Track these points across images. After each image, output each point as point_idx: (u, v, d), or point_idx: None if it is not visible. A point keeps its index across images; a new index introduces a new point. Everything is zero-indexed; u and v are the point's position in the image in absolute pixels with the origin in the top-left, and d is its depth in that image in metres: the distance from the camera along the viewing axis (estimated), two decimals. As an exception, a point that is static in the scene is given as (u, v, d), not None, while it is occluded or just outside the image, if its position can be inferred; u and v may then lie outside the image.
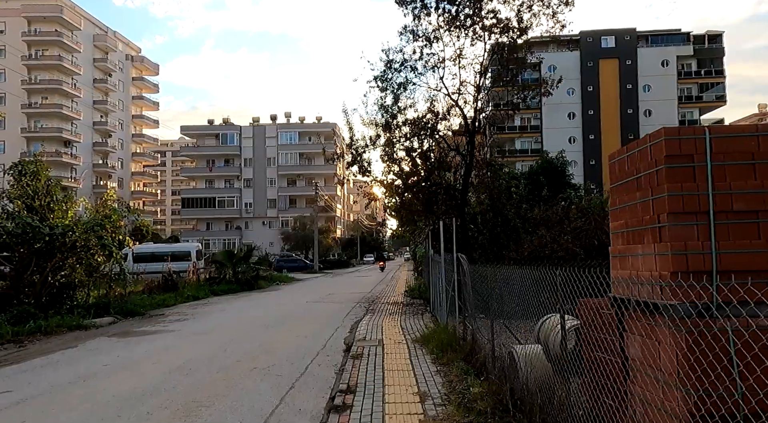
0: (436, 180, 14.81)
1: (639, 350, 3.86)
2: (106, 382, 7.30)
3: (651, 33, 67.29)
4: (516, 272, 5.76)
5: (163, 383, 7.11)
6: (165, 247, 38.13)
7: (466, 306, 8.46)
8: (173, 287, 22.63)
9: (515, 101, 15.28)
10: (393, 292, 21.32)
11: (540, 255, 13.70)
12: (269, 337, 11.03)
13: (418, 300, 17.21)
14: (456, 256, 8.69)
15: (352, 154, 14.25)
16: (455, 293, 8.80)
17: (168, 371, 7.87)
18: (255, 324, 13.01)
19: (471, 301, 8.14)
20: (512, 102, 14.64)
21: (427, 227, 19.03)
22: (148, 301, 18.17)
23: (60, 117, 66.46)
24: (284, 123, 78.85)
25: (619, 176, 4.33)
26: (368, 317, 13.44)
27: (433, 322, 12.16)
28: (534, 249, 14.00)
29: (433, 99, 14.55)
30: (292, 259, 49.75)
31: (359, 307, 16.62)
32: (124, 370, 8.12)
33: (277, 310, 16.34)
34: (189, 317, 14.89)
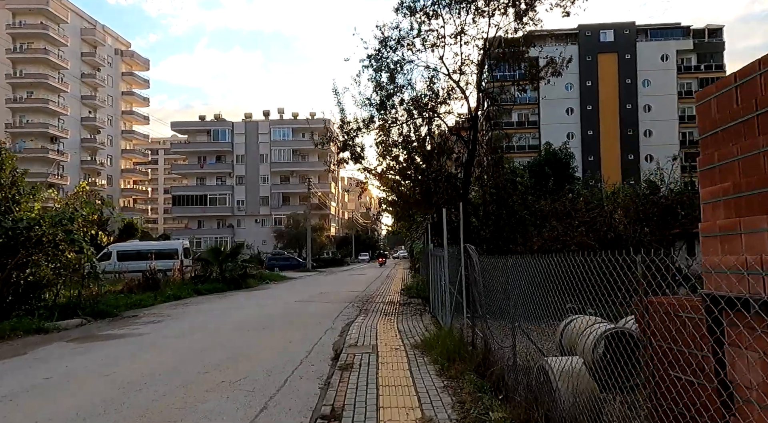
0: (436, 167, 13.48)
1: (751, 373, 2.55)
2: (34, 402, 5.93)
3: (650, 27, 66.24)
4: (548, 262, 4.41)
5: (104, 404, 5.75)
6: (150, 245, 36.60)
7: (476, 306, 7.15)
8: (154, 286, 21.21)
9: (521, 82, 13.97)
10: (389, 291, 19.99)
11: (550, 249, 12.42)
12: (248, 342, 9.67)
13: (416, 299, 15.90)
14: (463, 248, 7.37)
15: (343, 138, 12.88)
16: (462, 291, 7.47)
17: (118, 386, 6.51)
18: (235, 327, 11.64)
19: (482, 300, 6.83)
20: (519, 81, 13.33)
21: (426, 220, 17.72)
22: (123, 301, 16.76)
23: (46, 112, 64.64)
24: (277, 119, 77.31)
25: (720, 119, 3.01)
26: (361, 318, 12.11)
27: (434, 324, 10.84)
28: (543, 243, 12.71)
29: (433, 78, 13.22)
30: (285, 257, 48.32)
31: (352, 307, 15.28)
32: (64, 385, 6.74)
33: (262, 310, 14.98)
34: (164, 319, 13.50)
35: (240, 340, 9.86)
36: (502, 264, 5.47)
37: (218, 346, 9.22)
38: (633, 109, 64.60)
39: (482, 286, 6.81)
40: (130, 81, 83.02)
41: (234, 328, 11.36)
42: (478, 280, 6.97)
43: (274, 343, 9.51)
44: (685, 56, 66.27)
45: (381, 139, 12.80)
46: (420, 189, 13.02)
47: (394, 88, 12.38)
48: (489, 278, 6.59)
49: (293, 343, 9.36)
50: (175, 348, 9.24)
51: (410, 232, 24.84)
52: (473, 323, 7.42)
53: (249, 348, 9.00)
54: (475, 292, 7.19)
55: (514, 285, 5.22)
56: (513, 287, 5.27)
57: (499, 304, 6.15)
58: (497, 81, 14.70)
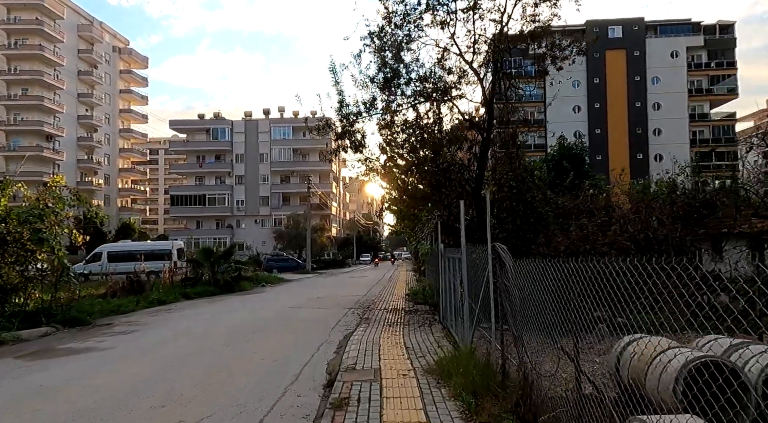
0: (447, 157, 11.89)
1: None
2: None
3: (660, 23, 64.54)
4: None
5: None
6: (143, 246, 35.12)
7: (509, 322, 5.56)
8: (139, 289, 19.67)
9: (541, 63, 12.38)
10: (392, 296, 18.38)
11: (578, 250, 10.83)
12: (226, 360, 8.08)
13: (423, 306, 14.30)
14: (491, 248, 5.78)
15: (341, 123, 11.27)
16: (490, 302, 5.88)
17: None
18: (216, 339, 10.06)
19: (517, 315, 5.24)
20: (542, 59, 11.73)
21: (434, 218, 16.14)
22: (99, 307, 15.21)
23: (41, 110, 63.25)
24: (277, 118, 75.75)
25: None
26: (362, 329, 10.52)
27: (447, 338, 9.25)
28: (570, 243, 11.11)
29: (443, 56, 11.60)
30: (283, 259, 46.74)
31: (352, 314, 13.70)
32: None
33: (251, 318, 13.40)
34: (139, 328, 11.93)
35: (216, 357, 8.28)
36: (557, 269, 3.88)
37: (188, 366, 7.64)
38: (642, 107, 62.94)
39: (518, 298, 5.22)
40: (128, 79, 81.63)
41: (213, 342, 9.78)
42: (511, 289, 5.38)
43: (255, 362, 7.93)
44: (696, 53, 64.58)
45: (384, 122, 11.17)
46: (429, 181, 11.42)
47: (401, 66, 10.77)
48: (528, 286, 5.01)
49: (278, 363, 7.78)
50: (136, 367, 7.66)
51: (415, 232, 23.21)
52: (502, 342, 5.83)
53: (224, 370, 7.41)
54: (507, 304, 5.60)
55: (577, 296, 3.64)
56: (575, 298, 3.69)
57: (541, 320, 4.59)
58: (513, 67, 13.10)
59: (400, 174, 11.83)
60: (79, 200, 15.40)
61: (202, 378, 6.89)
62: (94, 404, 5.76)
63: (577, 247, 10.79)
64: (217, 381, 6.74)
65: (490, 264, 5.78)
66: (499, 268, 5.69)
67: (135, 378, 7.00)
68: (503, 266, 5.61)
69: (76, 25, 70.56)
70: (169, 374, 7.18)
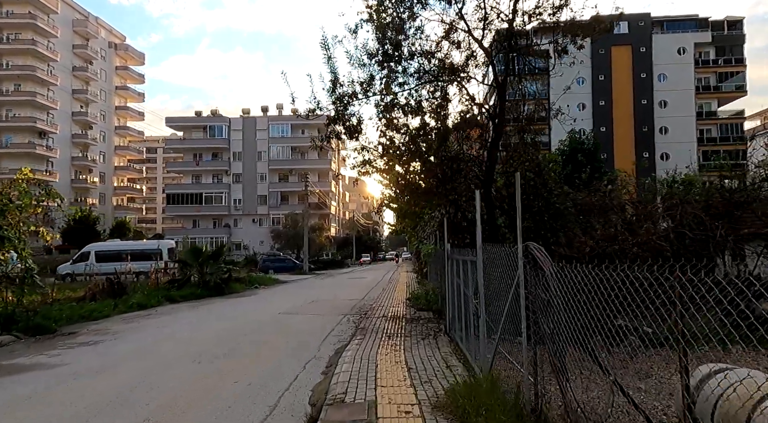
0: (453, 146, 10.49)
1: None
2: None
3: (667, 19, 63.07)
4: None
5: None
6: (132, 245, 33.78)
7: (547, 347, 4.17)
8: (120, 292, 18.27)
9: (560, 41, 10.97)
10: (392, 300, 16.98)
11: (605, 252, 9.44)
12: (189, 384, 6.69)
13: (426, 313, 12.89)
14: (522, 249, 4.38)
15: (334, 105, 9.85)
16: (519, 319, 4.48)
17: None
18: (186, 353, 8.66)
19: (561, 339, 3.85)
20: (560, 37, 10.34)
21: (437, 216, 14.77)
22: (69, 313, 13.80)
23: (34, 106, 61.85)
24: (276, 115, 74.27)
25: None
26: (357, 342, 9.12)
27: (456, 354, 7.86)
28: (596, 244, 9.71)
29: (450, 33, 10.18)
30: (280, 259, 45.32)
31: (347, 321, 12.30)
32: None
33: (234, 326, 12.00)
34: (105, 339, 10.53)
35: (179, 381, 6.87)
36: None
37: (142, 395, 6.25)
38: (648, 105, 61.49)
39: (562, 315, 3.83)
40: (125, 75, 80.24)
41: (183, 356, 8.37)
42: (552, 303, 3.99)
43: (228, 386, 6.54)
44: (703, 50, 63.16)
45: (384, 105, 9.73)
46: (434, 173, 10.01)
47: (402, 38, 9.33)
48: (576, 300, 3.62)
49: (255, 388, 6.39)
50: (80, 394, 6.26)
51: (416, 232, 21.82)
52: (535, 372, 4.43)
53: (182, 399, 6.02)
54: (544, 324, 4.20)
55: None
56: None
57: (589, 344, 3.22)
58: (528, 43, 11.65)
59: (402, 164, 10.40)
60: (48, 195, 13.95)
61: (156, 412, 5.49)
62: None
63: (603, 247, 9.39)
64: (174, 414, 5.35)
65: (520, 270, 4.37)
66: (533, 275, 4.30)
67: (77, 406, 5.61)
68: (539, 273, 4.21)
69: (71, 20, 69.20)
70: (117, 402, 5.79)
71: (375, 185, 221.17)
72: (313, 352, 8.62)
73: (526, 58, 10.34)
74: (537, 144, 10.96)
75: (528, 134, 10.79)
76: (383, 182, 19.74)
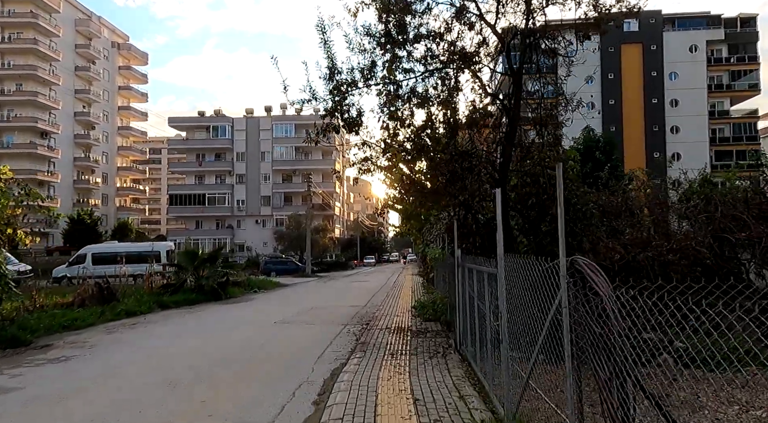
0: (464, 142, 9.42)
1: None
2: None
3: (678, 16, 61.72)
4: None
5: None
6: (130, 247, 32.84)
7: (602, 393, 3.09)
8: (110, 297, 17.30)
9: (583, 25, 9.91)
10: (396, 308, 15.91)
11: (635, 260, 8.34)
12: (155, 420, 5.65)
13: (434, 324, 11.82)
14: (566, 267, 3.31)
15: (332, 95, 8.78)
16: (565, 357, 3.40)
17: None
18: (162, 376, 7.63)
19: (625, 388, 2.78)
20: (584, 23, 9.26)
21: (444, 218, 13.72)
22: (48, 322, 12.79)
23: (35, 105, 61.25)
24: (279, 115, 73.35)
25: None
26: (356, 362, 8.06)
27: (469, 378, 6.81)
28: (625, 249, 8.60)
29: (462, 13, 9.10)
30: (282, 261, 44.30)
31: (347, 334, 11.25)
32: None
33: (223, 339, 10.98)
34: (80, 354, 9.53)
35: (139, 418, 5.83)
36: None
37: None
38: (659, 104, 60.10)
39: (628, 358, 2.76)
40: (128, 75, 79.66)
41: (153, 382, 7.33)
42: (612, 340, 2.92)
43: (201, 421, 5.50)
44: (716, 47, 61.75)
45: (387, 94, 8.62)
46: (445, 170, 8.95)
47: (408, 17, 8.25)
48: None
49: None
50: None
51: (422, 234, 20.76)
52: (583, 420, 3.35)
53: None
54: (599, 366, 3.13)
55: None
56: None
57: None
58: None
59: (406, 162, 9.33)
60: (27, 195, 12.99)
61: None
62: None
63: (634, 254, 8.29)
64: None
65: (563, 292, 3.30)
66: (581, 299, 3.23)
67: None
68: (590, 298, 3.14)
69: (74, 19, 68.65)
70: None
71: (379, 186, 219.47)
72: (306, 374, 7.57)
73: (545, 42, 9.23)
74: (559, 138, 9.88)
75: (548, 128, 9.69)
76: (386, 182, 18.59)
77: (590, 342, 3.18)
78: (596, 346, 3.11)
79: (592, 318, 3.10)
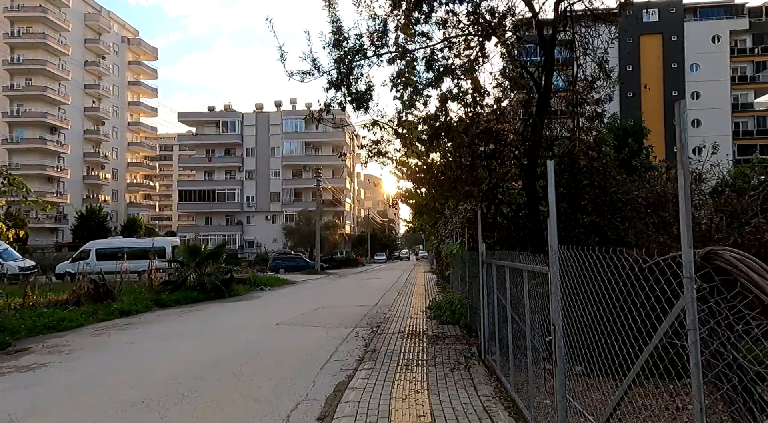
0: (492, 123, 8.18)
1: None
2: None
3: (700, 5, 59.58)
4: None
5: None
6: (134, 243, 32.03)
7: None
8: (106, 295, 16.35)
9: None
10: (408, 309, 14.72)
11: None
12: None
13: (452, 327, 10.62)
14: (701, 258, 2.09)
15: (336, 66, 7.56)
16: (699, 411, 2.18)
17: None
18: (140, 391, 6.53)
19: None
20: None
21: (463, 209, 12.46)
22: (32, 323, 11.80)
23: (44, 100, 60.88)
24: (289, 110, 72.33)
25: None
26: (364, 375, 6.90)
27: (501, 399, 5.61)
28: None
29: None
30: (291, 258, 43.33)
31: (355, 337, 10.10)
32: None
33: (218, 344, 9.89)
34: (55, 360, 8.49)
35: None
36: None
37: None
38: (679, 97, 57.60)
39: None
40: (138, 70, 79.17)
41: (128, 400, 6.23)
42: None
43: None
44: (739, 38, 59.55)
45: (400, 52, 7.31)
46: (468, 151, 7.73)
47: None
48: None
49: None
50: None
51: (436, 229, 19.51)
52: None
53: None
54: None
55: None
56: None
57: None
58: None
59: (423, 141, 8.09)
60: (11, 184, 12.02)
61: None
62: None
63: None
64: None
65: (690, 302, 2.08)
66: (723, 315, 2.01)
67: None
68: (741, 313, 1.92)
69: (83, 13, 68.17)
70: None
71: (390, 180, 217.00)
72: (306, 389, 6.42)
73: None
74: (601, 114, 8.60)
75: (585, 105, 8.42)
76: (398, 173, 17.27)
77: (734, 376, 1.96)
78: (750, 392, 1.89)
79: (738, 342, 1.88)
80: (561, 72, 9.11)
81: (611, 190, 9.06)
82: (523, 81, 8.04)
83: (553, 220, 3.81)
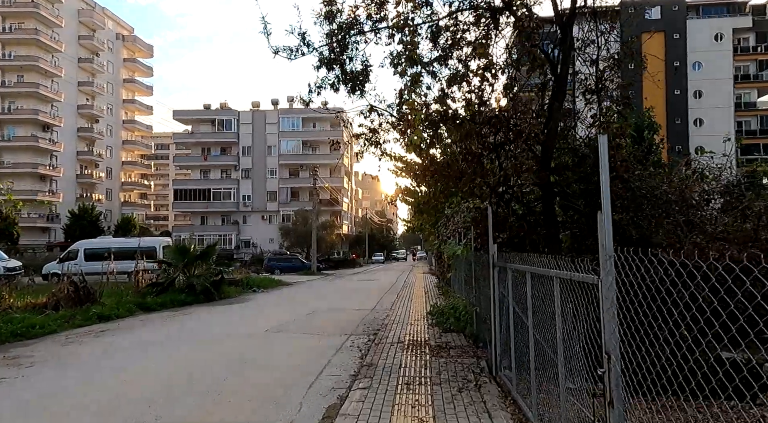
0: (503, 108, 7.26)
1: None
2: None
3: (703, 3, 58.76)
4: None
5: None
6: (124, 243, 30.98)
7: None
8: (86, 298, 15.36)
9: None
10: (408, 314, 13.77)
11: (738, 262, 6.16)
12: None
13: (456, 336, 9.68)
14: None
15: (328, 41, 6.61)
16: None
17: None
18: (96, 418, 5.59)
19: None
20: None
21: (465, 208, 11.58)
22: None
23: (37, 97, 59.75)
24: (286, 108, 71.26)
25: None
26: (358, 398, 5.96)
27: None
28: (720, 245, 6.41)
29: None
30: (287, 258, 42.35)
31: (350, 349, 9.16)
32: None
33: (197, 354, 8.94)
34: (7, 377, 7.52)
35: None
36: None
37: None
38: (681, 95, 57.27)
39: None
40: (133, 68, 78.03)
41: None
42: None
43: None
44: (742, 36, 58.73)
45: (403, 27, 6.39)
46: (476, 141, 6.81)
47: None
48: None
49: None
50: None
51: (436, 229, 18.61)
52: None
53: None
54: None
55: None
56: None
57: None
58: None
59: (427, 126, 7.14)
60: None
61: None
62: None
63: (741, 250, 6.09)
64: None
65: None
66: None
67: None
68: None
69: (77, 9, 67.03)
70: None
71: (388, 179, 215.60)
72: (291, 414, 5.48)
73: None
74: (629, 100, 7.69)
75: (608, 90, 7.51)
76: (397, 170, 16.32)
77: None
78: None
79: None
80: (579, 55, 8.19)
81: (634, 184, 8.17)
82: (538, 61, 7.11)
83: (607, 214, 2.87)
